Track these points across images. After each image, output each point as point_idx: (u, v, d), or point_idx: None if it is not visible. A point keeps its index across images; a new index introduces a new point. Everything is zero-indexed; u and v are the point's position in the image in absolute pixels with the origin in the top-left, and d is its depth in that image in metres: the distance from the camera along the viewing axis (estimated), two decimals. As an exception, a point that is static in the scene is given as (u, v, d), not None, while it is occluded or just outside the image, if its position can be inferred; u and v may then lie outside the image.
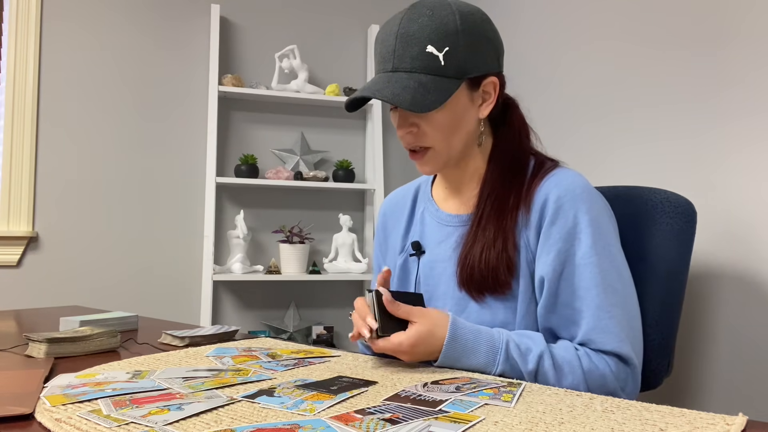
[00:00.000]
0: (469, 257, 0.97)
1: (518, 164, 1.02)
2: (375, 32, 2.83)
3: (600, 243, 0.93)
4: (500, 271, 0.94)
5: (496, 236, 0.96)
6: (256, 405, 0.67)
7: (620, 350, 0.89)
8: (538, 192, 0.96)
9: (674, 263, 1.09)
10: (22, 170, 2.37)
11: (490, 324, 0.95)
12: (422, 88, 0.91)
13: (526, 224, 0.96)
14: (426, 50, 0.91)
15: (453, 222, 1.05)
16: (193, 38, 2.64)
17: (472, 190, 1.04)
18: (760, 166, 1.37)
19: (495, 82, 0.98)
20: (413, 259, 1.08)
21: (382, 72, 0.95)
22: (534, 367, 0.87)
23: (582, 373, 0.88)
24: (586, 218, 0.93)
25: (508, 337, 0.89)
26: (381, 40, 0.96)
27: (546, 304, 0.94)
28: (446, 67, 0.92)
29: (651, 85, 1.67)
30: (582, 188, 0.96)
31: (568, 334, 0.93)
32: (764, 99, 1.36)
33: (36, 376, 0.80)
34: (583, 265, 0.92)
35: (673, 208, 1.10)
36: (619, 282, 0.93)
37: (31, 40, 2.39)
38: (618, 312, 0.91)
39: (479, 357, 0.87)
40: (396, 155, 2.90)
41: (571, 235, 0.93)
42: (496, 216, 0.97)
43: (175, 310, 2.55)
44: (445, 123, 0.95)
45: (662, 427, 0.59)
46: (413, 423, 0.59)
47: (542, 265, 0.94)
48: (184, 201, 2.61)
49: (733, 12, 1.44)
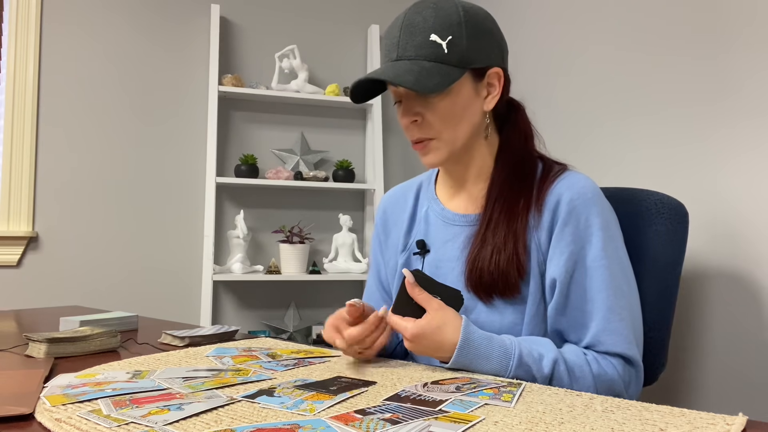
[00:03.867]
0: (479, 260, 0.96)
1: (526, 166, 1.01)
2: (375, 32, 2.83)
3: (610, 246, 0.93)
4: (511, 275, 0.94)
5: (506, 239, 0.95)
6: (256, 405, 0.67)
7: (628, 352, 0.90)
8: (551, 193, 0.96)
9: (668, 263, 1.12)
10: (22, 170, 2.37)
11: (498, 325, 0.95)
12: (426, 72, 0.91)
13: (537, 226, 0.96)
14: (429, 39, 0.92)
15: (460, 222, 1.03)
16: (193, 38, 2.64)
17: (478, 189, 1.03)
18: (752, 169, 1.37)
19: (499, 72, 0.98)
20: (417, 257, 1.07)
21: (387, 62, 0.96)
22: (549, 372, 0.86)
23: (592, 378, 0.88)
24: (597, 221, 0.93)
25: (520, 343, 0.88)
26: (386, 34, 0.98)
27: (556, 306, 0.93)
28: (449, 55, 0.92)
29: (647, 90, 1.67)
30: (593, 192, 0.96)
31: (576, 336, 0.93)
32: (760, 103, 1.37)
33: (36, 376, 0.80)
34: (594, 267, 0.92)
35: (666, 209, 1.13)
36: (626, 284, 0.94)
37: (31, 40, 2.39)
38: (626, 314, 0.91)
39: (492, 362, 0.86)
40: (396, 155, 2.90)
41: (582, 238, 0.93)
42: (506, 218, 0.96)
43: (175, 310, 2.55)
44: (449, 112, 0.95)
45: (662, 427, 0.59)
46: (413, 423, 0.59)
47: (554, 267, 0.94)
48: (184, 201, 2.60)
49: (734, 17, 1.44)
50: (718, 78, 1.47)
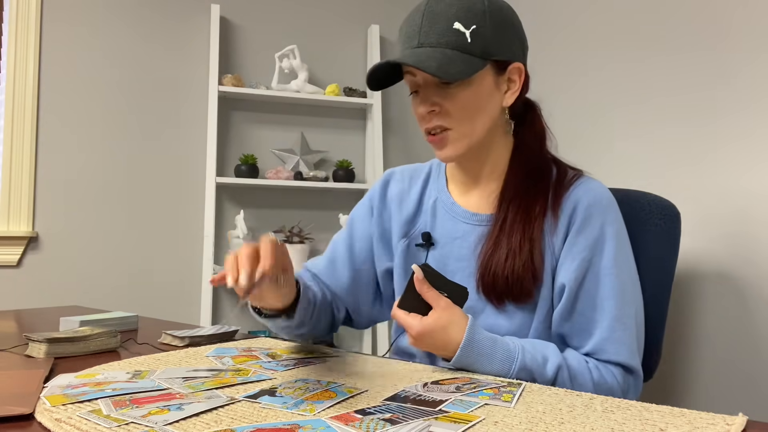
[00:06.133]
0: (492, 263, 0.94)
1: (541, 169, 0.99)
2: (375, 32, 2.83)
3: (621, 254, 0.93)
4: (526, 280, 0.92)
5: (522, 244, 0.92)
6: (256, 405, 0.67)
7: (630, 362, 0.89)
8: (567, 199, 0.95)
9: (662, 263, 1.13)
10: (22, 170, 2.37)
11: (506, 329, 0.94)
12: (448, 59, 0.88)
13: (553, 231, 0.94)
14: (453, 26, 0.89)
15: (471, 220, 1.01)
16: (193, 38, 2.64)
17: (491, 188, 1.01)
18: (747, 171, 1.38)
19: (520, 68, 0.96)
20: (420, 249, 1.04)
21: (407, 49, 0.92)
22: (553, 376, 0.86)
23: (592, 386, 0.88)
24: (611, 229, 0.93)
25: (524, 346, 0.87)
26: (406, 21, 0.94)
27: (563, 311, 0.93)
28: (473, 45, 0.90)
29: (640, 92, 1.67)
30: (609, 199, 0.95)
31: (579, 342, 0.92)
32: (752, 104, 1.37)
33: (36, 376, 0.80)
34: (604, 275, 0.91)
35: (659, 210, 1.14)
36: (634, 294, 0.94)
37: (31, 40, 2.39)
38: (631, 323, 0.91)
39: (494, 364, 0.85)
40: (396, 155, 2.90)
41: (596, 245, 0.92)
42: (522, 222, 0.94)
43: (175, 310, 2.55)
44: (469, 103, 0.92)
45: (662, 427, 0.59)
46: (413, 423, 0.59)
47: (565, 272, 0.92)
48: (184, 201, 2.60)
49: (729, 15, 1.44)
50: (719, 81, 1.47)
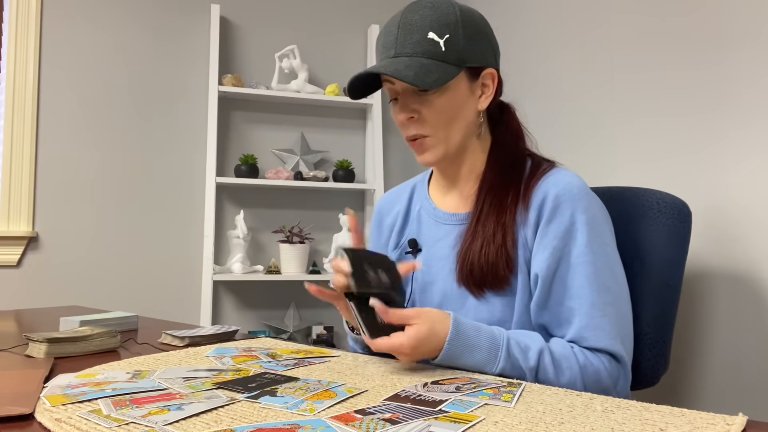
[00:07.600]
0: (469, 253, 0.97)
1: (516, 164, 1.03)
2: (375, 32, 2.83)
3: (596, 242, 0.94)
4: (500, 267, 0.95)
5: (495, 231, 0.96)
6: (256, 405, 0.67)
7: (612, 348, 0.90)
8: (537, 190, 0.97)
9: (670, 262, 1.11)
10: (22, 170, 2.37)
11: (488, 320, 0.96)
12: (424, 68, 0.93)
13: (524, 222, 0.97)
14: (427, 36, 0.94)
15: (451, 220, 1.05)
16: (193, 38, 2.64)
17: (469, 188, 1.05)
18: (757, 169, 1.37)
19: (493, 73, 1.00)
20: (409, 256, 1.09)
21: (385, 59, 0.97)
22: (535, 364, 0.87)
23: (579, 369, 0.89)
24: (582, 217, 0.94)
25: (508, 335, 0.89)
26: (383, 32, 0.99)
27: (538, 301, 0.95)
28: (447, 53, 0.94)
29: (650, 87, 1.67)
30: (579, 188, 0.97)
31: (560, 331, 0.94)
32: (765, 103, 1.36)
33: (36, 376, 0.80)
34: (577, 263, 0.93)
35: (668, 208, 1.12)
36: (612, 281, 0.94)
37: (31, 40, 2.39)
38: (611, 311, 0.92)
39: (481, 353, 0.86)
40: (396, 155, 2.90)
41: (567, 234, 0.94)
42: (495, 212, 0.98)
43: (175, 310, 2.55)
44: (445, 109, 0.97)
45: (662, 427, 0.59)
46: (413, 423, 0.59)
47: (537, 263, 0.95)
48: (184, 201, 2.60)
49: (737, 17, 1.44)
50: (725, 78, 1.47)
